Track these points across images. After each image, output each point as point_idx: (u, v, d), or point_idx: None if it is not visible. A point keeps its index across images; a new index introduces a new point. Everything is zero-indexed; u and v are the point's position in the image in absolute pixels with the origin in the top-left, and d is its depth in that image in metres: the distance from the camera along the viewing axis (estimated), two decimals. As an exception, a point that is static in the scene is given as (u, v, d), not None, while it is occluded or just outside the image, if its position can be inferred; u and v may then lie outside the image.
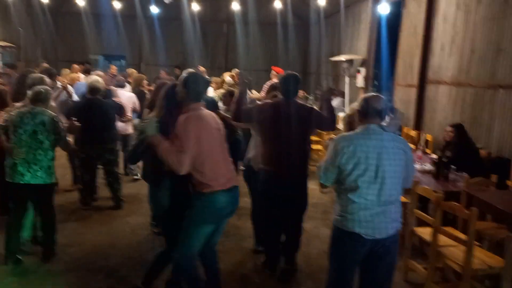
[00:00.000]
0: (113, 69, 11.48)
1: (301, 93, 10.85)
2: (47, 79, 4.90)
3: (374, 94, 2.99)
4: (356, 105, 3.00)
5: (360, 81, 11.08)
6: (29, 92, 4.10)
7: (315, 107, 4.23)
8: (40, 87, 4.13)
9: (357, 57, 11.31)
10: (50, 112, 4.06)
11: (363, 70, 10.97)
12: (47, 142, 3.98)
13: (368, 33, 10.92)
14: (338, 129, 5.00)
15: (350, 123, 3.31)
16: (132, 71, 7.81)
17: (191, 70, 3.33)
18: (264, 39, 15.94)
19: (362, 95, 3.08)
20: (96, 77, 5.68)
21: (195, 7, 14.65)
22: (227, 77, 8.73)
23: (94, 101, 5.42)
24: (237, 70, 10.40)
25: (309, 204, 4.18)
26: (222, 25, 16.93)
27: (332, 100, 4.61)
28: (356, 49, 11.76)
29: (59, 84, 6.28)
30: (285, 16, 15.02)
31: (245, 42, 15.91)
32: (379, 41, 10.49)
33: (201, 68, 10.23)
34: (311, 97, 12.49)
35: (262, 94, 7.26)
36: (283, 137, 3.85)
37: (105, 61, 17.15)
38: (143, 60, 16.74)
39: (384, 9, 9.43)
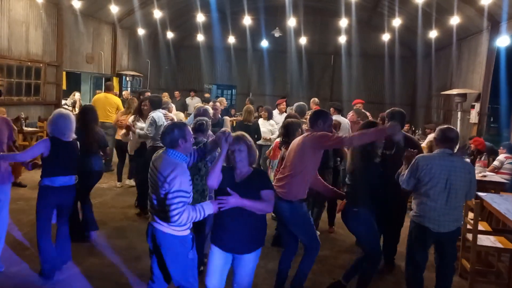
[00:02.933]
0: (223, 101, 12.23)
1: (406, 127, 10.60)
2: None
3: (449, 126, 3.91)
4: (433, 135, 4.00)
5: (474, 116, 10.43)
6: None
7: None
8: (202, 119, 4.59)
9: (471, 91, 10.69)
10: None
11: (477, 106, 10.33)
12: (204, 169, 4.22)
13: (484, 66, 10.30)
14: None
15: (430, 147, 4.32)
16: (247, 105, 8.00)
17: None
18: (370, 71, 15.87)
19: (439, 127, 3.92)
20: (207, 106, 6.08)
21: (303, 40, 15.16)
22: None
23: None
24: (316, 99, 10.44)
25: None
26: (329, 57, 17.21)
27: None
28: (471, 83, 11.13)
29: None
30: (392, 49, 14.82)
31: (351, 74, 15.98)
32: (496, 75, 9.85)
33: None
34: (418, 132, 12.06)
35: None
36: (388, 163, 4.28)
37: (218, 90, 18.45)
38: (251, 90, 17.64)
39: (503, 41, 8.90)
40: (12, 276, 4.07)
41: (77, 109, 10.75)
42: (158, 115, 6.04)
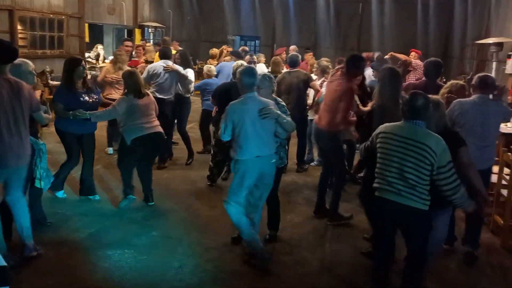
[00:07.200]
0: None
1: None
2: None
3: (486, 73, 4.23)
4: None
5: (510, 67, 9.92)
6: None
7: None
8: None
9: (508, 40, 10.11)
10: None
11: (514, 55, 9.79)
12: None
13: (525, 12, 9.66)
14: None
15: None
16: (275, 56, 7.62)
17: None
18: (401, 19, 15.11)
19: (479, 74, 4.21)
20: (242, 62, 5.79)
21: (331, -13, 14.49)
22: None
23: (235, 84, 5.58)
24: (293, 46, 10.11)
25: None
26: (357, 4, 16.45)
27: None
28: (508, 31, 10.51)
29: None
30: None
31: (380, 22, 15.28)
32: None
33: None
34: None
35: None
36: None
37: (241, 41, 18.00)
38: (276, 41, 17.16)
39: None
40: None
41: (100, 62, 10.71)
42: (153, 65, 6.40)
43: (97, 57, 11.23)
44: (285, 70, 6.71)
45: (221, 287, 3.54)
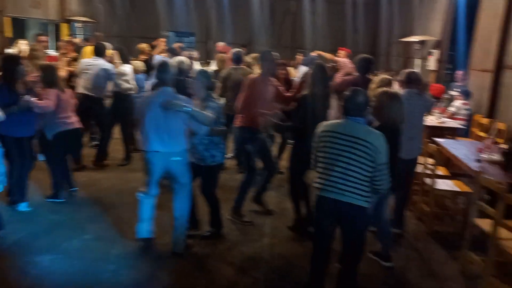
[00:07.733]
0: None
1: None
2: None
3: (414, 70, 4.72)
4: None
5: (432, 63, 10.60)
6: None
7: None
8: None
9: (430, 38, 10.79)
10: None
11: (436, 53, 10.47)
12: None
13: (443, 13, 10.34)
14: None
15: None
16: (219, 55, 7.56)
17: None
18: (332, 18, 15.60)
19: (405, 70, 4.64)
20: (182, 58, 5.60)
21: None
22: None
23: (180, 81, 5.44)
24: (222, 43, 10.27)
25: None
26: (290, 2, 16.74)
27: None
28: (430, 30, 11.20)
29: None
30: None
31: (312, 21, 15.67)
32: (455, 22, 9.93)
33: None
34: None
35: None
36: None
37: (176, 37, 17.69)
38: (211, 37, 17.04)
39: (462, -13, 8.89)
40: None
41: (24, 58, 10.04)
42: (82, 61, 6.23)
43: (19, 53, 10.52)
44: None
45: (158, 286, 3.48)
